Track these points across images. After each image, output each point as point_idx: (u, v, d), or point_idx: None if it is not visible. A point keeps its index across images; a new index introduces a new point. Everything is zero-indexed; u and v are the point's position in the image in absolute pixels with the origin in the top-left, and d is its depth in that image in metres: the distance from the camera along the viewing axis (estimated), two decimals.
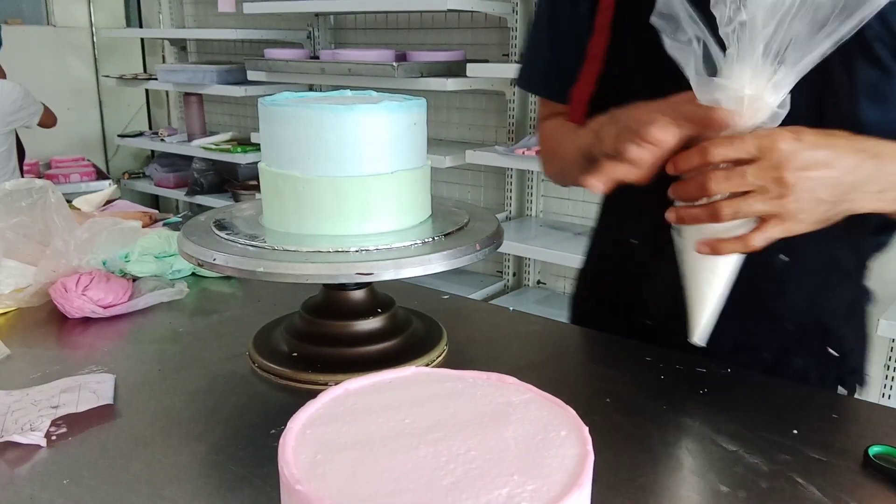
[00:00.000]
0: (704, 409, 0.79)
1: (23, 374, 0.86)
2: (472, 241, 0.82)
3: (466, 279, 2.91)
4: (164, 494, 0.64)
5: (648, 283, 0.92)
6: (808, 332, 0.87)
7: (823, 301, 0.86)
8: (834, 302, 0.87)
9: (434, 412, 0.52)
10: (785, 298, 0.85)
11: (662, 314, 0.90)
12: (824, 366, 0.89)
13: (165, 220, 1.54)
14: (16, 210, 1.19)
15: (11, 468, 0.68)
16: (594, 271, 1.06)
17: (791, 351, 0.88)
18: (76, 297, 1.02)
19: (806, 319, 0.86)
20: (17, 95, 3.19)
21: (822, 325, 0.87)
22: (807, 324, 0.86)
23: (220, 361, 0.91)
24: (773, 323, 0.87)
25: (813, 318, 0.87)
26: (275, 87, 3.19)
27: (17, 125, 3.24)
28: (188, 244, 0.81)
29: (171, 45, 4.17)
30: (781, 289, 0.85)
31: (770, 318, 0.86)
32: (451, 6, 2.44)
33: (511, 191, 2.88)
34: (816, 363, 0.88)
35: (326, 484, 0.43)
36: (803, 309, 0.86)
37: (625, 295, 0.97)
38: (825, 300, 0.86)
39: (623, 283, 0.97)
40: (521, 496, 0.43)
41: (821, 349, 0.88)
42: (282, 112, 0.81)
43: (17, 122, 3.23)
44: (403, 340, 0.89)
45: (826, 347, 0.88)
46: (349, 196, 0.81)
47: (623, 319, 0.97)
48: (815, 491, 0.65)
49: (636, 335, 0.94)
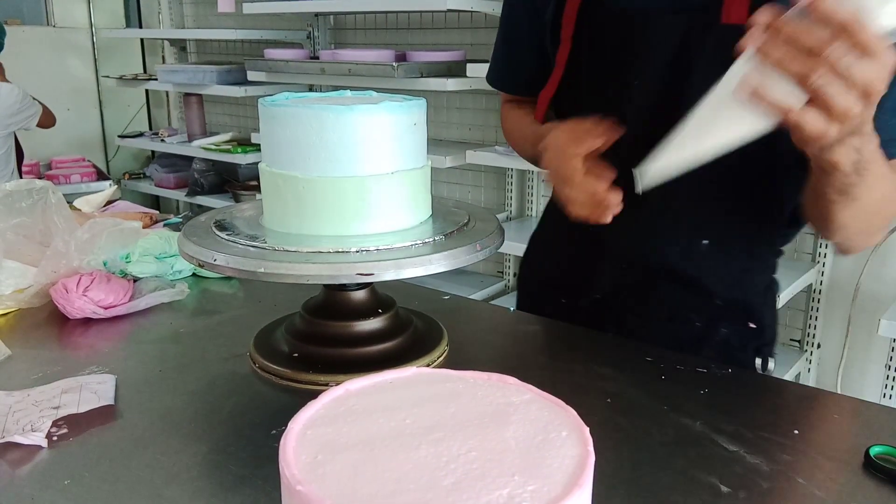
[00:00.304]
0: (705, 409, 0.80)
1: (24, 375, 0.86)
2: (473, 242, 0.82)
3: (467, 279, 2.90)
4: (165, 494, 0.64)
5: (596, 261, 1.02)
6: (732, 307, 0.99)
7: (745, 284, 0.99)
8: (754, 285, 1.00)
9: (435, 412, 0.52)
10: (713, 278, 0.97)
11: (607, 292, 1.02)
12: (745, 336, 1.00)
13: (166, 220, 1.54)
14: (16, 211, 1.19)
15: (13, 469, 0.68)
16: (542, 253, 1.16)
17: (718, 322, 0.99)
18: (77, 297, 1.02)
19: (731, 297, 0.98)
20: (16, 98, 3.18)
21: (744, 303, 0.99)
22: (732, 300, 0.98)
23: (221, 362, 0.91)
24: (704, 298, 0.98)
25: (736, 296, 0.98)
26: (275, 87, 3.18)
27: (15, 128, 3.25)
28: (189, 245, 0.81)
29: (171, 46, 4.17)
30: (710, 270, 0.97)
31: (701, 294, 0.98)
32: (451, 6, 2.43)
33: (511, 191, 2.88)
34: (739, 333, 0.99)
35: (327, 484, 0.44)
36: (728, 288, 0.98)
37: (571, 275, 1.06)
38: (747, 283, 0.99)
39: (572, 263, 1.06)
40: (522, 497, 0.43)
41: (743, 322, 1.00)
42: (282, 112, 0.81)
43: (15, 125, 3.23)
44: (404, 341, 0.89)
45: (747, 322, 1.00)
46: (350, 196, 0.81)
47: (569, 297, 1.06)
48: (816, 491, 0.65)
49: (580, 313, 1.04)
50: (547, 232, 1.16)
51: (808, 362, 2.25)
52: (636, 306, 1.00)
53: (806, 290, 2.20)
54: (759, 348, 1.01)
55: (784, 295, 1.93)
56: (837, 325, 2.20)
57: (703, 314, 0.99)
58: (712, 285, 0.97)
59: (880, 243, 1.99)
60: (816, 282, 2.18)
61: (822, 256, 2.16)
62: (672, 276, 0.97)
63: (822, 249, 2.16)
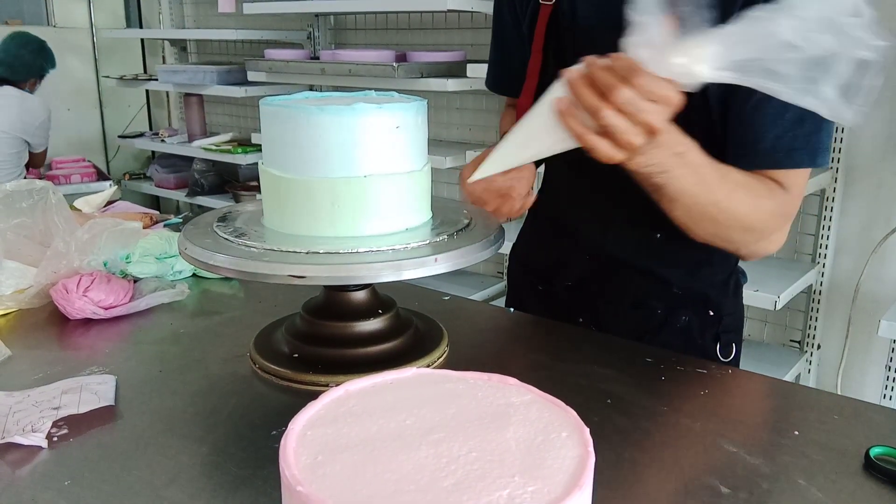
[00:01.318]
0: (705, 409, 0.80)
1: (24, 376, 0.86)
2: (473, 243, 0.82)
3: (467, 280, 2.90)
4: (165, 495, 0.64)
5: (565, 251, 1.11)
6: (690, 296, 1.05)
7: (703, 275, 1.04)
8: (712, 276, 1.05)
9: (435, 413, 0.52)
10: (669, 269, 1.04)
11: (579, 276, 1.09)
12: (705, 323, 1.06)
13: (166, 221, 1.54)
14: (17, 211, 1.19)
15: (13, 469, 0.68)
16: (524, 243, 1.23)
17: (678, 309, 1.05)
18: (77, 298, 1.02)
19: (688, 286, 1.04)
20: (44, 117, 3.38)
21: (703, 293, 1.05)
22: (689, 289, 1.04)
23: (221, 362, 0.91)
24: (663, 286, 1.04)
25: (694, 286, 1.04)
26: (275, 87, 3.18)
27: (29, 138, 3.37)
28: (189, 245, 0.81)
29: (172, 46, 4.17)
30: (665, 261, 1.03)
31: (659, 283, 1.04)
32: (451, 6, 2.43)
33: None
34: (699, 320, 1.05)
35: (327, 485, 0.44)
36: (684, 277, 1.04)
37: (546, 263, 1.14)
38: (704, 274, 1.05)
39: (548, 252, 1.15)
40: (522, 497, 0.43)
41: (703, 310, 1.05)
42: (282, 113, 0.81)
43: (30, 137, 3.36)
44: (404, 341, 0.89)
45: (707, 309, 1.05)
46: (350, 197, 0.81)
47: (545, 284, 1.14)
48: (817, 492, 0.65)
49: (555, 299, 1.12)
50: (529, 223, 1.23)
51: (808, 363, 2.25)
52: (601, 294, 1.08)
53: (806, 290, 2.20)
54: (717, 335, 1.06)
55: (784, 295, 1.93)
56: (837, 326, 2.20)
57: (663, 301, 1.05)
58: (668, 275, 1.04)
59: (880, 243, 1.99)
60: (816, 282, 2.18)
61: (822, 257, 2.16)
62: (631, 267, 1.05)
63: (822, 250, 2.16)
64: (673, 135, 0.79)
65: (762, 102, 0.85)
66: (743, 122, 0.88)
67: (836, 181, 2.09)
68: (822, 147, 0.87)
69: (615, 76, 0.72)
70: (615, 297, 1.07)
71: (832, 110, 0.68)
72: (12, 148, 3.29)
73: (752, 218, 0.87)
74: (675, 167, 0.80)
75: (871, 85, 0.67)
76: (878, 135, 2.05)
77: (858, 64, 0.67)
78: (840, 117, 0.68)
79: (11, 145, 3.28)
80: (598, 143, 0.75)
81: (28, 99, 3.34)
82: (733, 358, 1.08)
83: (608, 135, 0.74)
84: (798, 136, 0.86)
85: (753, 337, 2.36)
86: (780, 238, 0.93)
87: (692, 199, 0.83)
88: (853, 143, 2.08)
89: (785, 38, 0.67)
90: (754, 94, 0.83)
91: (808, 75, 0.68)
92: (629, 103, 0.71)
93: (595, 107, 0.73)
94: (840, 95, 0.68)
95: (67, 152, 4.01)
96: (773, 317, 2.31)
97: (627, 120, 0.73)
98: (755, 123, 0.87)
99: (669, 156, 0.79)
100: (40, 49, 3.42)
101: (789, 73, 0.68)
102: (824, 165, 0.90)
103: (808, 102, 0.69)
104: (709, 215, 0.86)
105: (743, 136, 0.88)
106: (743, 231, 0.89)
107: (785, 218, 0.91)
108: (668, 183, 0.81)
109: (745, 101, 0.87)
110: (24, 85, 3.37)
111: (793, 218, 0.93)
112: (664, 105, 0.73)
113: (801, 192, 0.91)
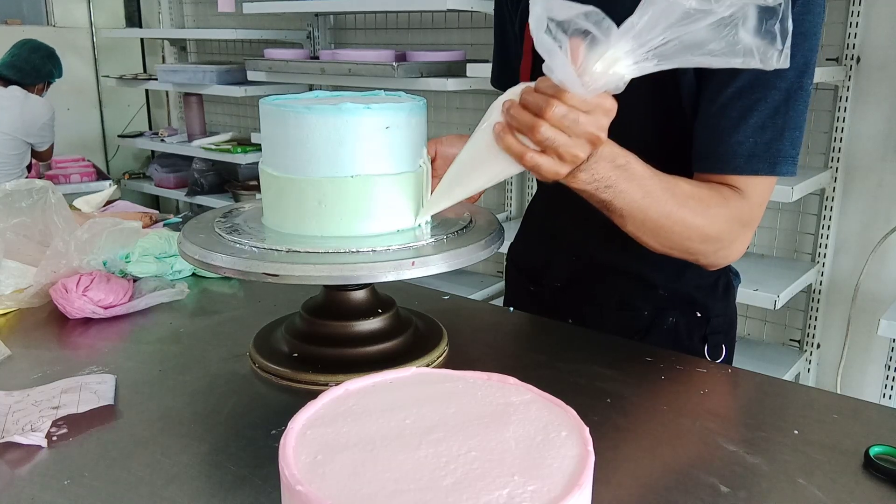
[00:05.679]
0: (705, 409, 0.80)
1: (23, 375, 0.86)
2: (473, 242, 0.82)
3: (467, 279, 2.90)
4: (165, 495, 0.64)
5: (552, 254, 1.12)
6: (677, 298, 1.05)
7: (688, 277, 1.04)
8: (699, 278, 1.04)
9: (435, 413, 0.52)
10: (654, 272, 1.04)
11: (566, 277, 1.10)
12: (692, 325, 1.05)
13: (166, 220, 1.54)
14: (16, 210, 1.19)
15: (12, 469, 0.68)
16: (519, 245, 1.23)
17: (665, 311, 1.05)
18: (77, 297, 1.02)
19: (674, 288, 1.04)
20: (47, 118, 3.40)
21: (689, 295, 1.05)
22: (675, 291, 1.04)
23: (221, 362, 0.91)
24: (649, 288, 1.05)
25: (680, 288, 1.04)
26: (275, 87, 3.18)
27: (31, 140, 3.39)
28: (188, 245, 0.81)
29: (171, 46, 4.17)
30: (649, 264, 1.02)
31: (645, 285, 1.05)
32: (451, 6, 2.43)
33: (511, 191, 2.88)
34: (686, 321, 1.05)
35: (327, 484, 0.44)
36: (670, 280, 1.04)
37: (536, 265, 1.16)
38: (690, 277, 1.04)
39: (537, 253, 1.16)
40: (522, 497, 0.43)
41: (690, 311, 1.05)
42: (275, 112, 0.81)
43: (32, 139, 3.38)
44: (404, 341, 0.89)
45: (694, 311, 1.05)
46: (350, 197, 0.81)
47: (535, 284, 1.15)
48: (816, 491, 0.65)
49: (543, 300, 1.13)
50: (523, 225, 1.24)
51: (808, 362, 2.26)
52: (589, 295, 1.08)
53: (806, 290, 2.20)
54: (706, 336, 1.06)
55: (783, 295, 1.93)
56: (837, 326, 2.20)
57: (650, 303, 1.05)
58: (654, 277, 1.04)
59: (880, 242, 1.99)
60: (816, 282, 2.18)
61: (821, 257, 2.16)
62: (616, 270, 1.05)
63: (821, 250, 2.16)
64: (613, 147, 0.79)
65: (725, 108, 0.85)
66: (707, 126, 0.87)
67: (836, 181, 2.09)
68: (783, 156, 0.85)
69: (544, 95, 0.73)
70: (602, 298, 1.07)
71: (763, 58, 0.68)
72: (13, 150, 3.30)
73: (707, 227, 0.86)
74: (619, 181, 0.80)
75: (786, 28, 0.67)
76: (878, 135, 2.05)
77: (764, 12, 0.67)
78: (771, 63, 0.68)
79: (12, 147, 3.30)
80: (541, 160, 0.76)
81: (31, 100, 3.35)
82: (723, 360, 1.07)
83: (549, 151, 0.75)
84: (759, 143, 0.85)
85: (753, 336, 2.36)
86: (741, 246, 0.91)
87: (641, 212, 0.83)
88: (853, 142, 2.08)
89: (687, 7, 0.67)
90: (718, 98, 0.85)
91: (725, 37, 0.68)
92: (565, 117, 0.72)
93: (531, 123, 0.74)
94: (762, 42, 0.68)
95: (67, 152, 4.01)
96: (773, 316, 2.31)
97: (565, 134, 0.74)
98: (717, 127, 0.86)
99: (612, 168, 0.79)
100: (50, 56, 3.47)
101: (706, 40, 0.68)
102: (789, 175, 0.87)
103: (737, 62, 0.69)
104: (663, 228, 0.85)
105: (706, 140, 0.88)
106: (701, 241, 0.87)
107: (743, 225, 0.88)
108: (614, 198, 0.81)
109: (709, 105, 0.87)
110: (32, 89, 3.41)
111: (754, 226, 0.90)
112: (600, 114, 0.74)
113: (762, 200, 0.89)
